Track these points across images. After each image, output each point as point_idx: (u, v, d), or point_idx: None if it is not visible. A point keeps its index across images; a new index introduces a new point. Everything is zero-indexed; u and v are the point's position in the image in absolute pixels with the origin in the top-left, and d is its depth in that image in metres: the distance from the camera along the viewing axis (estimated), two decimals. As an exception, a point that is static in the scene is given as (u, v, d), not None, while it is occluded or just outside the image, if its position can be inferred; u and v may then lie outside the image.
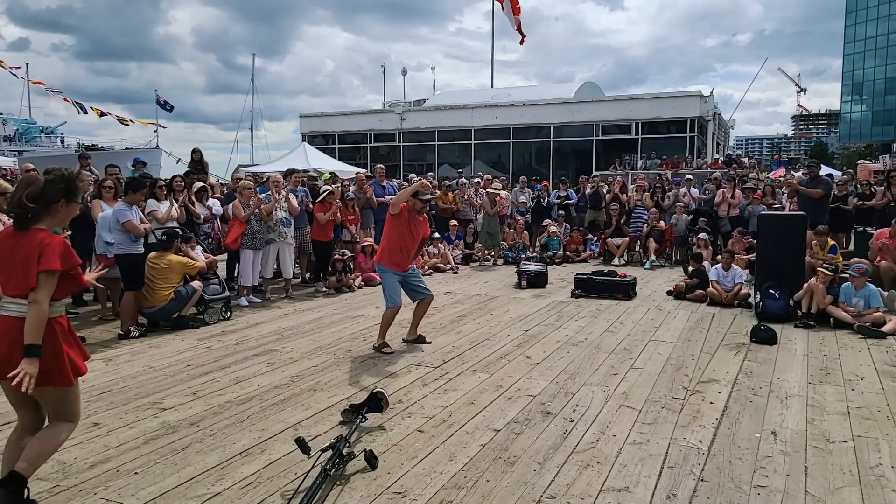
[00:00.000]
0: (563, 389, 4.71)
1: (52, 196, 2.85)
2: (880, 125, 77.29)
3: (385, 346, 5.81)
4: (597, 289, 8.58)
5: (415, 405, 4.40)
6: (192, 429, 3.99)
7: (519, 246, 12.23)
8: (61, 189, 2.88)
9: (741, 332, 6.49)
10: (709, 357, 5.58)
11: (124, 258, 6.47)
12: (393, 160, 30.65)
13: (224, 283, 7.48)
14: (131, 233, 6.41)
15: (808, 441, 3.77)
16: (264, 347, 5.99)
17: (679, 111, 27.24)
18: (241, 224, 7.99)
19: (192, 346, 6.06)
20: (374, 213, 10.93)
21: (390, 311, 5.84)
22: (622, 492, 3.15)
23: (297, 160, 18.49)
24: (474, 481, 3.27)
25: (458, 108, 31.48)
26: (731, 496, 3.11)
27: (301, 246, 9.39)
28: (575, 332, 6.53)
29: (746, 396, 4.56)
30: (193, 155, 10.83)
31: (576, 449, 3.65)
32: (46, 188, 2.85)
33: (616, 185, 13.29)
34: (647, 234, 11.73)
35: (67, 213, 2.95)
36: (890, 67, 77.16)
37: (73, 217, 3.05)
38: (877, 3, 79.20)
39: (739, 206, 11.34)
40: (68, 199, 2.91)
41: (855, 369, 5.22)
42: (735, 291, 7.92)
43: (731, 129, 39.13)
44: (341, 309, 7.87)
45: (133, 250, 6.48)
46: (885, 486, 3.20)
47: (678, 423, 4.04)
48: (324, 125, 34.55)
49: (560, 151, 29.76)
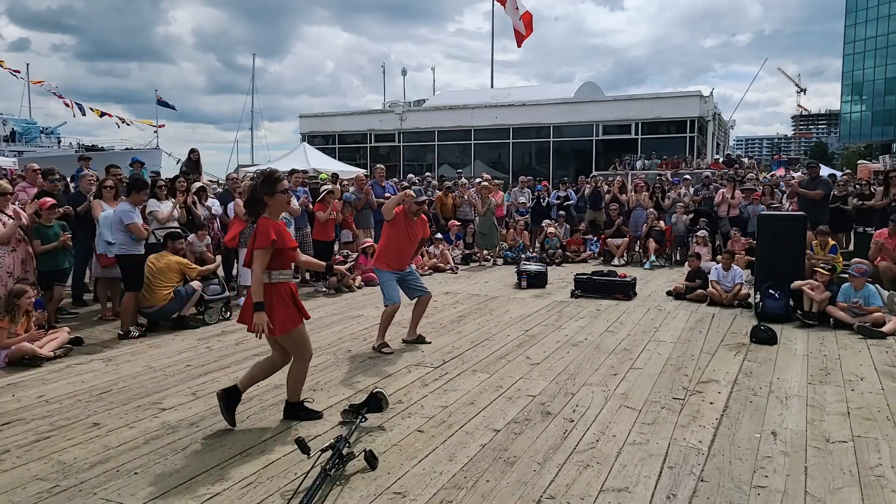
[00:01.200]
0: (563, 389, 4.71)
1: (260, 194, 3.83)
2: (880, 125, 77.26)
3: (385, 347, 5.81)
4: (597, 289, 8.58)
5: (415, 405, 4.40)
6: (192, 429, 3.99)
7: (519, 246, 12.23)
8: (263, 188, 3.83)
9: (741, 332, 6.48)
10: (709, 357, 5.58)
11: (125, 258, 6.47)
12: (393, 160, 30.65)
13: (224, 283, 7.48)
14: (134, 234, 6.41)
15: (808, 441, 3.77)
16: (264, 348, 5.93)
17: (679, 111, 27.24)
18: (240, 222, 7.99)
19: (192, 346, 6.06)
20: (373, 213, 10.94)
21: (389, 309, 5.84)
22: (622, 492, 3.15)
23: (298, 160, 18.50)
24: (474, 481, 3.27)
25: (458, 108, 31.48)
26: (731, 496, 3.11)
27: (301, 246, 9.37)
28: (575, 333, 6.53)
29: (746, 397, 4.56)
30: (191, 155, 10.83)
31: (576, 449, 3.65)
32: (255, 189, 3.87)
33: (615, 185, 13.30)
34: (647, 235, 11.73)
35: (275, 203, 3.87)
36: (890, 68, 77.16)
37: (283, 205, 3.98)
38: (877, 4, 79.18)
39: (739, 206, 11.35)
40: (269, 193, 3.82)
41: (855, 369, 5.22)
42: (735, 292, 7.92)
43: (731, 129, 39.14)
44: (341, 309, 7.87)
45: (134, 251, 6.48)
46: (884, 487, 3.20)
47: (678, 424, 4.04)
48: (324, 125, 34.56)
49: (560, 151, 29.75)
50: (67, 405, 4.45)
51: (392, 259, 5.87)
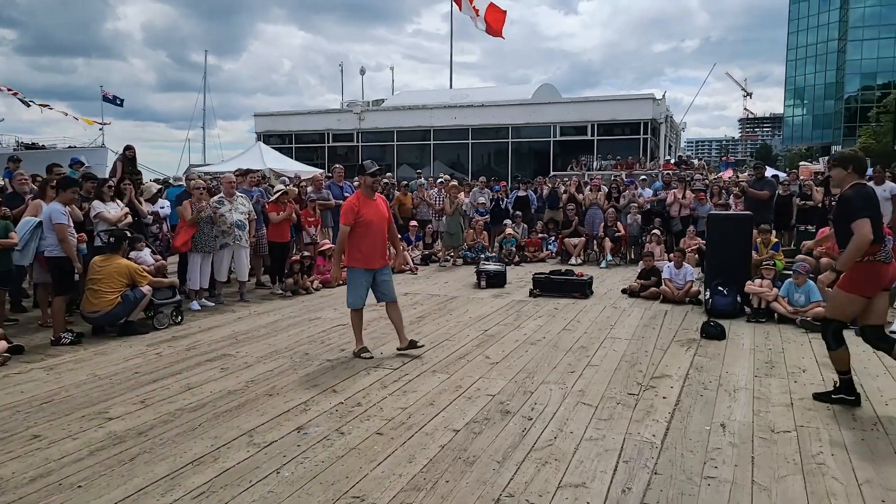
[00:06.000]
0: (521, 388, 4.75)
1: None
2: (820, 128, 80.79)
3: (364, 352, 5.62)
4: (554, 288, 8.69)
5: (374, 407, 4.36)
6: (141, 438, 3.86)
7: (478, 246, 12.28)
8: None
9: (692, 328, 6.66)
10: (662, 353, 5.71)
11: (55, 261, 6.22)
12: (351, 160, 30.39)
13: (175, 287, 7.27)
14: (57, 235, 6.13)
15: (755, 432, 3.89)
16: (217, 352, 5.85)
17: (633, 113, 27.84)
18: (190, 226, 7.76)
19: (141, 353, 5.86)
20: (332, 213, 10.82)
21: (353, 313, 5.68)
22: (579, 487, 3.19)
23: (253, 160, 18.15)
24: (434, 482, 3.26)
25: (417, 108, 31.44)
26: (682, 488, 3.18)
27: (257, 248, 9.21)
28: (533, 331, 6.59)
29: (697, 391, 4.68)
30: (127, 152, 9.64)
31: (534, 447, 3.68)
32: None
33: (572, 185, 13.50)
34: (603, 234, 11.94)
35: None
36: (829, 74, 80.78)
37: None
38: (816, 12, 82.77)
39: (690, 206, 11.67)
40: None
41: (798, 362, 5.43)
42: (686, 289, 8.14)
43: (682, 131, 40.21)
44: (298, 312, 7.75)
45: (62, 253, 6.20)
46: (825, 474, 3.33)
47: (633, 419, 4.12)
48: (280, 124, 34.01)
49: (518, 152, 30.03)
50: (5, 417, 4.24)
51: (366, 252, 5.48)
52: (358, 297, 5.61)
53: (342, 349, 5.91)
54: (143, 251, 7.22)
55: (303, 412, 4.27)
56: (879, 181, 10.13)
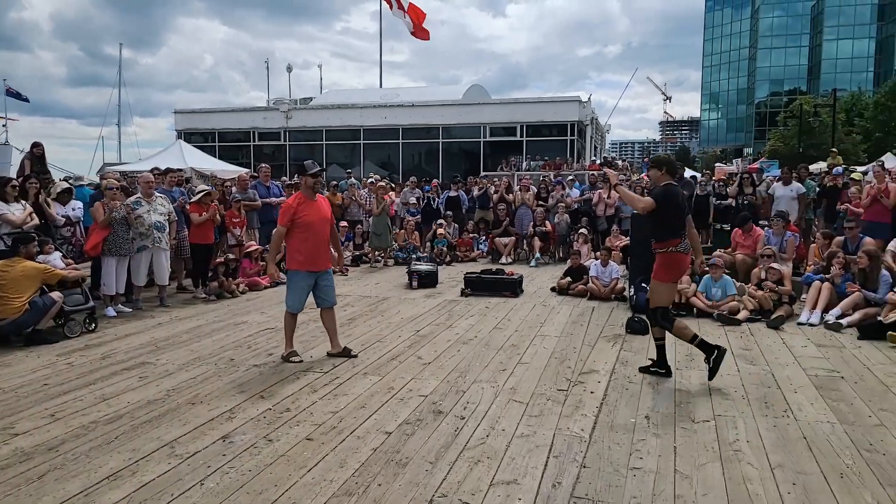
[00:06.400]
0: (454, 388, 4.76)
1: None
2: (734, 131, 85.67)
3: (294, 356, 5.47)
4: (485, 287, 8.78)
5: (303, 412, 4.26)
6: (51, 454, 3.61)
7: (409, 247, 12.26)
8: None
9: (618, 324, 6.89)
10: (589, 349, 5.87)
11: None
12: (278, 160, 29.65)
13: (88, 293, 6.85)
14: None
15: (677, 422, 4.06)
16: (135, 360, 5.56)
17: (560, 115, 28.52)
18: (102, 229, 7.31)
19: (51, 363, 5.49)
20: (258, 214, 10.51)
21: (287, 316, 5.53)
22: (511, 484, 3.23)
23: (173, 159, 17.36)
24: (366, 486, 3.21)
25: (347, 107, 31.03)
26: (610, 479, 3.28)
27: (178, 250, 8.82)
28: (465, 331, 6.63)
29: (623, 384, 4.84)
30: (34, 150, 9.02)
31: (467, 446, 3.70)
32: None
33: (502, 185, 13.70)
34: (532, 233, 12.18)
35: None
36: (741, 80, 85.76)
37: None
38: (729, 21, 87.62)
39: (615, 205, 12.07)
40: None
41: (716, 354, 5.69)
42: (612, 286, 8.41)
43: (607, 133, 41.55)
44: (223, 316, 7.48)
45: None
46: (741, 460, 3.52)
47: (562, 414, 4.21)
48: (202, 122, 32.72)
49: (449, 152, 30.17)
50: None
51: (307, 254, 5.36)
52: (297, 301, 5.47)
53: (270, 354, 5.75)
54: (52, 255, 6.77)
55: (228, 420, 4.12)
56: (787, 182, 10.84)
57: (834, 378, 4.97)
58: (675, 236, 4.88)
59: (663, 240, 4.91)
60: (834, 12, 72.33)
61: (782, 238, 8.55)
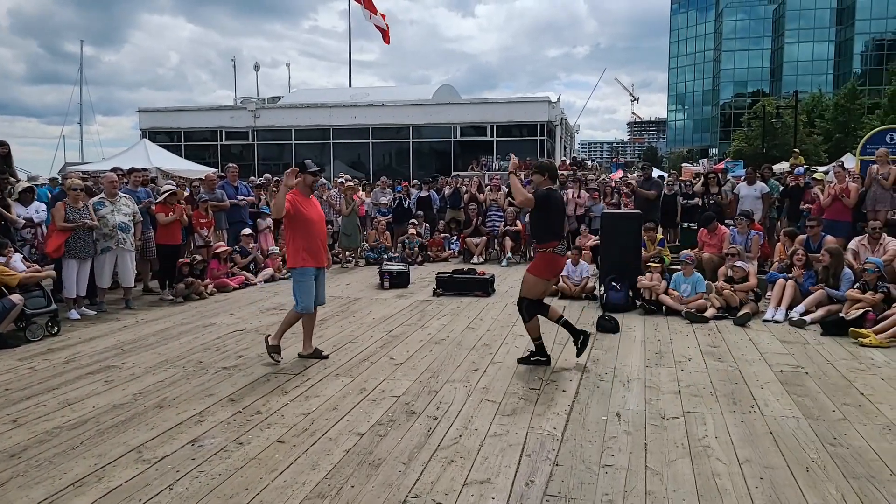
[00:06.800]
0: (426, 388, 4.75)
1: None
2: (699, 132, 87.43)
3: (275, 353, 5.39)
4: (457, 287, 8.80)
5: (274, 415, 4.20)
6: (13, 461, 3.49)
7: (381, 247, 12.20)
8: None
9: (589, 322, 6.95)
10: (561, 348, 5.91)
11: None
12: (246, 159, 29.25)
13: (50, 295, 6.65)
14: None
15: (647, 420, 4.12)
16: (100, 364, 5.42)
17: (530, 115, 28.72)
18: (63, 230, 7.09)
19: (12, 368, 5.32)
20: (226, 215, 10.34)
21: (299, 315, 5.43)
22: (484, 484, 3.23)
23: (138, 158, 16.97)
24: (338, 489, 3.18)
25: (316, 106, 30.72)
26: (582, 477, 3.31)
27: (144, 251, 8.63)
28: (437, 331, 6.62)
29: (594, 382, 4.89)
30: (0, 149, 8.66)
31: (440, 446, 3.69)
32: None
33: (473, 185, 13.73)
34: (503, 233, 12.23)
35: None
36: (706, 81, 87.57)
37: None
38: (695, 23, 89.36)
39: (585, 205, 12.20)
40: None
41: (684, 351, 5.81)
42: (583, 285, 8.50)
43: (576, 133, 41.98)
44: (191, 318, 7.34)
45: None
46: (710, 456, 3.58)
47: (535, 413, 4.23)
48: (168, 121, 32.06)
49: (420, 152, 30.13)
50: None
51: (311, 250, 5.38)
52: (309, 298, 5.42)
53: (239, 356, 5.66)
54: (12, 257, 6.55)
55: (197, 423, 4.04)
56: (751, 181, 11.08)
57: (799, 374, 5.10)
58: (555, 238, 5.19)
59: (545, 241, 5.20)
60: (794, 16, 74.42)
61: (747, 237, 8.75)
